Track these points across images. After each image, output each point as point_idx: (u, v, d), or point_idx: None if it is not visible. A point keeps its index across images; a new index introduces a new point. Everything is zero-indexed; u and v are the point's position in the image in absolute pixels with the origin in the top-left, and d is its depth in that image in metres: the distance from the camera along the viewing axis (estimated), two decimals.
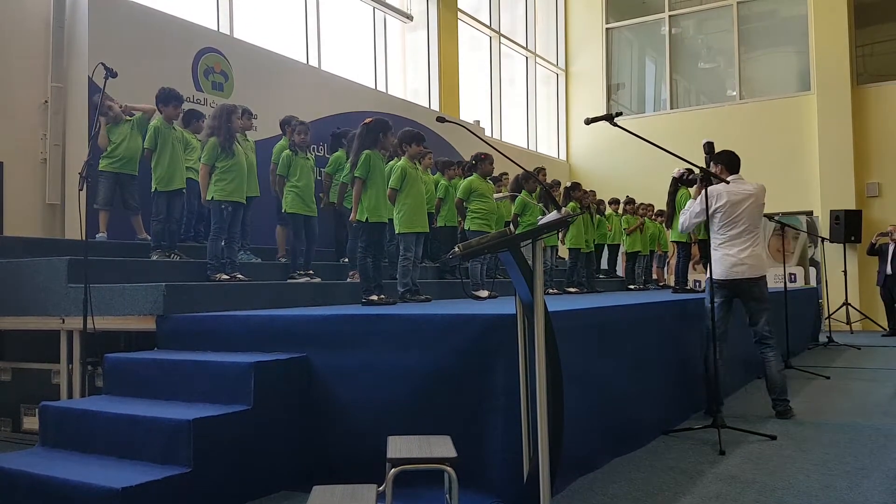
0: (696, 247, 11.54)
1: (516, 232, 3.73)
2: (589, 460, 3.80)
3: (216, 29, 8.56)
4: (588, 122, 4.53)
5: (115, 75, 4.64)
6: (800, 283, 13.05)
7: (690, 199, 5.36)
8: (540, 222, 3.12)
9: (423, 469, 2.79)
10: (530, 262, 2.95)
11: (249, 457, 3.43)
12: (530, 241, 3.01)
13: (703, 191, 4.93)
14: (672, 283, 10.96)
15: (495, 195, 6.75)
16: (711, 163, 5.22)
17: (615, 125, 4.54)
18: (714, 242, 5.10)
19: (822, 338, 10.38)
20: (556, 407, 2.93)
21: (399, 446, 2.99)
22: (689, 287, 8.76)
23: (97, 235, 6.05)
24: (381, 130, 5.69)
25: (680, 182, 7.11)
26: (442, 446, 2.97)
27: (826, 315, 11.63)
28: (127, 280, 4.77)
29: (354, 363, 3.68)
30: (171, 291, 4.39)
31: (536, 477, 2.79)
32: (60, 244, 5.57)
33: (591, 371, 3.95)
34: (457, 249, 3.04)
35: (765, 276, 5.16)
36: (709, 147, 5.26)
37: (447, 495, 2.82)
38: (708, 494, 3.36)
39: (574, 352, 3.71)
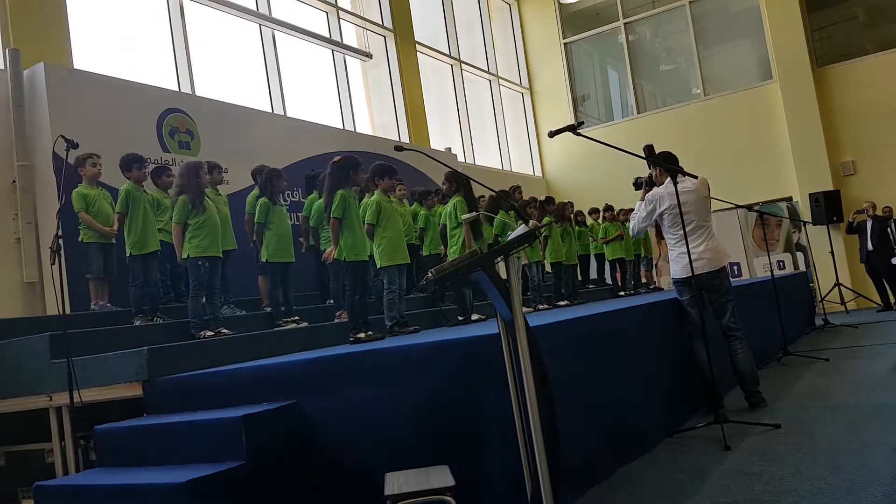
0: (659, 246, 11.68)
1: None
2: (595, 472, 3.76)
3: (177, 89, 8.59)
4: (551, 134, 4.50)
5: (76, 146, 4.64)
6: (789, 270, 13.11)
7: (638, 202, 5.36)
8: (509, 237, 3.12)
9: (423, 502, 2.75)
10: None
11: None
12: (502, 257, 3.02)
13: (644, 196, 5.08)
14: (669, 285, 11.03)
15: (463, 216, 6.77)
16: (651, 165, 5.22)
17: (579, 135, 4.61)
18: (669, 243, 5.16)
19: (818, 321, 10.39)
20: (551, 422, 2.90)
21: (397, 482, 2.95)
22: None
23: (92, 306, 6.00)
24: (351, 167, 5.72)
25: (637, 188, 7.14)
26: (440, 476, 2.93)
27: (819, 298, 11.65)
28: (112, 348, 4.70)
29: (345, 403, 3.63)
30: (155, 355, 4.33)
31: (540, 496, 2.76)
32: (42, 321, 5.50)
33: (584, 381, 3.92)
34: (430, 274, 3.04)
35: (724, 267, 5.18)
36: (649, 150, 5.26)
37: None
38: (716, 492, 3.32)
39: (563, 364, 3.68)
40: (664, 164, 4.98)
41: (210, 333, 5.44)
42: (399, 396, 3.50)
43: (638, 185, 5.45)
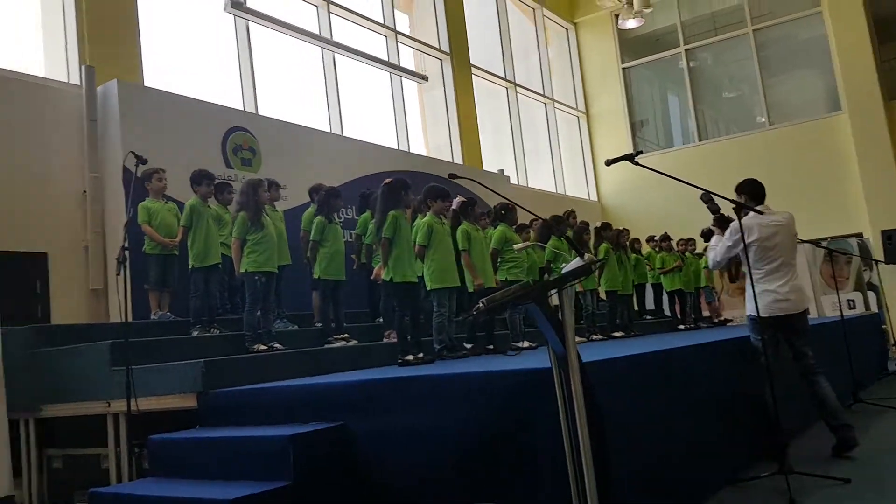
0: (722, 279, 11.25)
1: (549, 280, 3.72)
2: None
3: (242, 108, 8.84)
4: (609, 163, 4.48)
5: (144, 162, 4.82)
6: (860, 310, 12.38)
7: (715, 236, 5.20)
8: (563, 271, 3.09)
9: None
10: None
11: None
12: (556, 291, 3.00)
13: (739, 222, 4.70)
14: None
15: (516, 246, 6.76)
16: (736, 194, 5.01)
17: (637, 164, 4.55)
18: (752, 278, 4.82)
19: (891, 366, 9.80)
20: (603, 461, 2.86)
21: None
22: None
23: (152, 316, 6.20)
24: (402, 189, 5.79)
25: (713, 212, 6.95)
26: None
27: (892, 341, 10.95)
28: (169, 358, 4.83)
29: (392, 428, 3.64)
30: (210, 367, 4.43)
31: None
32: (104, 328, 5.69)
33: (639, 422, 3.80)
34: (481, 305, 3.04)
35: (807, 309, 4.96)
36: (707, 197, 5.09)
37: None
38: None
39: (616, 402, 3.59)
40: (747, 206, 4.83)
41: (263, 347, 5.54)
42: (448, 425, 3.47)
43: (713, 209, 5.16)
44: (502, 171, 13.35)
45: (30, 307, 6.25)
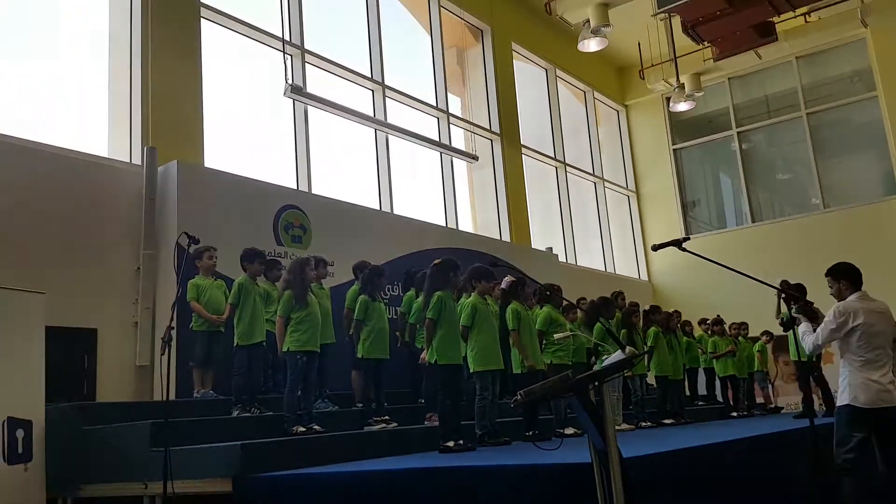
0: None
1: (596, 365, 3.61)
2: None
3: (295, 187, 9.07)
4: (655, 248, 4.45)
5: (197, 242, 4.94)
6: None
7: (804, 324, 4.88)
8: (605, 363, 3.00)
9: None
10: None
11: None
12: (595, 384, 2.90)
13: (840, 305, 4.58)
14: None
15: (556, 336, 6.65)
16: (830, 278, 4.83)
17: (684, 250, 4.47)
18: (851, 366, 4.56)
19: None
20: None
21: None
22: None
23: (195, 394, 6.23)
24: (452, 270, 5.79)
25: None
26: None
27: None
28: (208, 440, 4.81)
29: None
30: (247, 450, 4.40)
31: None
32: (147, 407, 5.73)
33: None
34: (519, 397, 2.96)
35: None
36: (785, 285, 4.95)
37: None
38: None
39: (661, 497, 3.45)
40: (798, 297, 4.66)
41: (302, 429, 5.48)
42: None
43: (794, 297, 5.12)
44: (550, 248, 13.30)
45: (76, 383, 6.35)
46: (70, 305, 6.39)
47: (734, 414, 10.05)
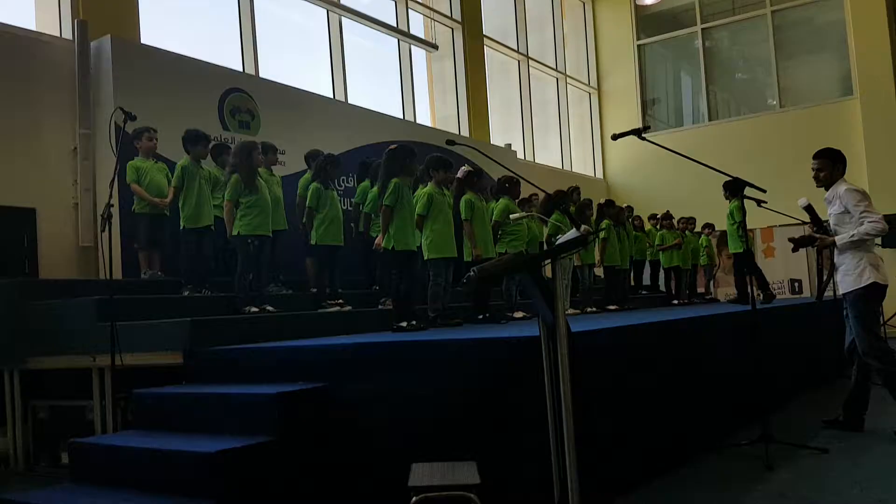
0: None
1: None
2: (628, 481, 3.62)
3: (241, 69, 8.70)
4: (615, 137, 4.55)
5: (133, 118, 4.72)
6: None
7: (841, 226, 4.70)
8: (558, 241, 3.00)
9: (447, 497, 2.68)
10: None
11: (276, 490, 3.34)
12: (549, 262, 2.91)
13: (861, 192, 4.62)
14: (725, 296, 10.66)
15: (512, 216, 6.67)
16: (825, 160, 4.73)
17: (644, 139, 4.53)
18: (865, 248, 4.61)
19: None
20: (584, 429, 2.79)
21: (422, 474, 2.89)
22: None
23: (142, 275, 6.12)
24: (407, 156, 5.70)
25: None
26: (466, 472, 2.85)
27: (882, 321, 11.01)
28: (158, 317, 4.77)
29: (379, 391, 3.60)
30: (197, 326, 4.38)
31: (567, 499, 2.66)
32: (93, 284, 5.61)
33: (625, 389, 3.78)
34: (472, 273, 2.96)
35: None
36: (810, 209, 4.98)
37: None
38: None
39: (603, 369, 3.57)
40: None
41: (255, 309, 5.47)
42: (433, 389, 3.45)
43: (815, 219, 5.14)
44: (509, 145, 13.18)
45: (17, 262, 6.18)
46: (6, 184, 6.15)
47: (675, 302, 10.44)
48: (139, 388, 4.10)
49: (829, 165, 4.71)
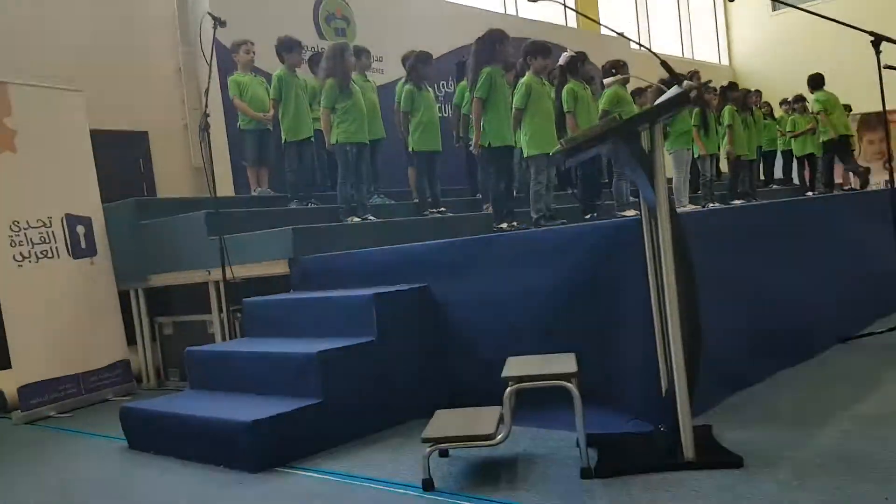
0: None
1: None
2: (747, 374, 3.39)
3: None
4: None
5: (223, 24, 4.65)
6: None
7: None
8: (659, 100, 2.70)
9: (546, 387, 2.58)
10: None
11: (376, 387, 3.39)
12: (647, 126, 2.64)
13: None
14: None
15: (606, 80, 6.17)
16: None
17: None
18: None
19: None
20: (692, 316, 2.59)
21: (517, 366, 2.80)
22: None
23: (252, 192, 6.24)
24: (498, 41, 5.38)
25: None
26: (564, 363, 2.73)
27: None
28: (265, 228, 4.86)
29: (475, 288, 3.52)
30: (300, 234, 4.43)
31: (675, 393, 2.49)
32: (205, 201, 5.76)
33: (742, 276, 3.50)
34: (561, 144, 2.74)
35: None
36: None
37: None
38: (887, 400, 2.88)
39: (716, 255, 3.29)
40: None
41: (357, 219, 5.49)
42: (530, 284, 3.32)
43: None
44: (622, 33, 12.35)
45: (134, 186, 6.48)
46: (118, 110, 6.37)
47: (809, 194, 9.61)
48: (247, 298, 4.23)
49: None
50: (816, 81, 9.31)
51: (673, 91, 2.67)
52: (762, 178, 9.89)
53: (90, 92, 5.09)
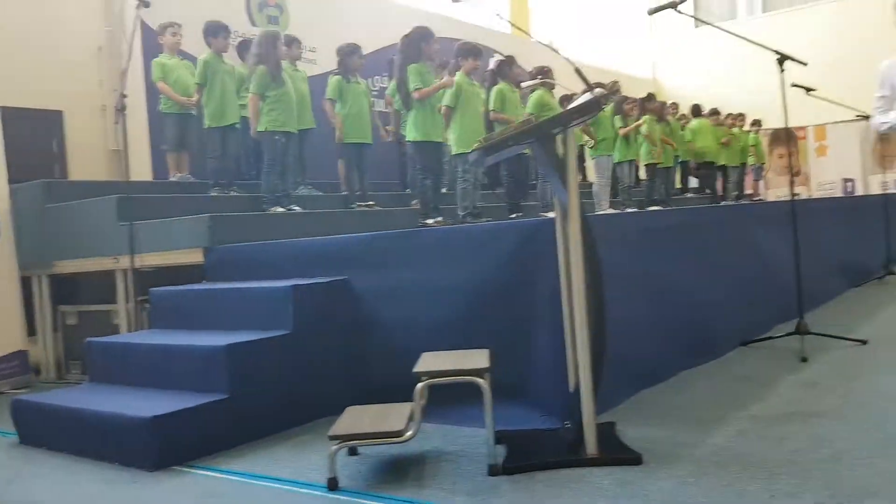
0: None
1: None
2: (654, 372, 3.49)
3: None
4: (651, 12, 4.39)
5: (147, 5, 4.51)
6: None
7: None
8: (570, 106, 2.77)
9: (459, 384, 2.58)
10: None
11: (289, 383, 3.31)
12: (561, 130, 2.69)
13: None
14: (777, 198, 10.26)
15: (523, 84, 6.30)
16: None
17: (680, 12, 4.33)
18: None
19: None
20: (598, 314, 2.65)
21: (430, 361, 2.80)
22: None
23: (171, 177, 6.05)
24: (423, 39, 5.38)
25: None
26: (476, 358, 2.75)
27: None
28: (182, 216, 4.71)
29: (394, 282, 3.51)
30: (217, 222, 4.31)
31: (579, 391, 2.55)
32: (117, 186, 5.56)
33: (651, 277, 3.60)
34: (479, 142, 2.77)
35: None
36: None
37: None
38: (782, 401, 3.03)
39: (628, 256, 3.39)
40: None
41: (281, 210, 5.40)
42: (449, 279, 3.34)
43: None
44: (552, 42, 12.58)
45: (46, 166, 6.18)
46: (31, 86, 6.06)
47: (722, 203, 10.04)
48: (155, 288, 4.08)
49: None
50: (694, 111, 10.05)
51: (585, 97, 2.74)
52: (679, 186, 10.25)
53: (4, 70, 4.81)
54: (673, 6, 4.26)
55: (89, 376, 3.70)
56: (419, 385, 2.59)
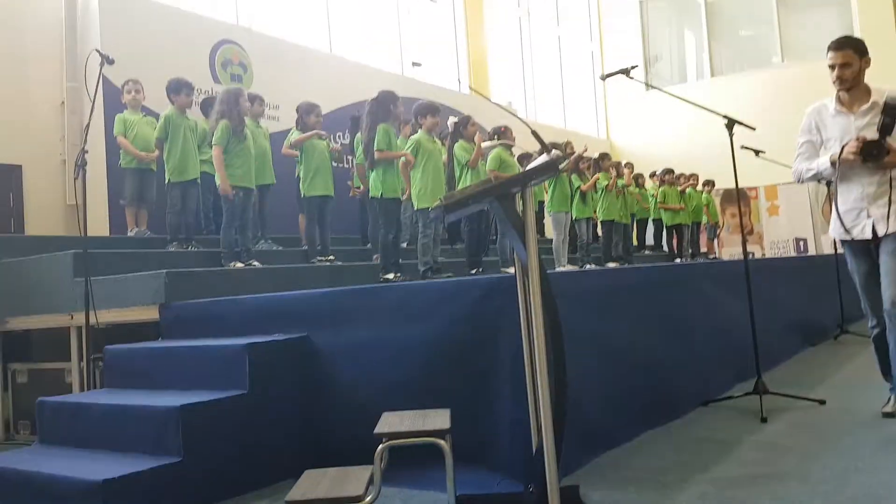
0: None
1: None
2: (616, 433, 3.50)
3: (234, 21, 8.48)
4: (604, 77, 4.60)
5: (111, 62, 4.52)
6: None
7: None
8: (528, 167, 2.83)
9: (420, 444, 2.55)
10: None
11: (244, 445, 3.22)
12: (520, 189, 2.75)
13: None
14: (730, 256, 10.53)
15: (484, 144, 6.44)
16: (853, 52, 3.68)
17: (631, 78, 4.51)
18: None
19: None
20: (559, 373, 2.66)
21: (391, 422, 2.76)
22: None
23: (129, 233, 5.98)
24: (391, 102, 5.53)
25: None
26: (437, 419, 2.72)
27: None
28: (141, 271, 4.63)
29: (354, 340, 3.47)
30: (174, 278, 4.24)
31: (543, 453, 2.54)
32: (74, 241, 5.46)
33: (611, 338, 3.64)
34: (439, 201, 2.80)
35: None
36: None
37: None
38: (743, 462, 3.04)
39: (588, 317, 3.43)
40: None
41: (240, 265, 5.36)
42: (410, 337, 3.31)
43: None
44: (510, 103, 12.91)
45: (2, 220, 6.06)
46: None
47: (678, 260, 10.29)
48: (110, 346, 3.98)
49: (859, 60, 3.61)
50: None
51: (542, 158, 2.81)
52: (635, 243, 10.47)
53: None
54: (625, 72, 4.45)
55: (39, 437, 3.56)
56: (380, 447, 2.56)
